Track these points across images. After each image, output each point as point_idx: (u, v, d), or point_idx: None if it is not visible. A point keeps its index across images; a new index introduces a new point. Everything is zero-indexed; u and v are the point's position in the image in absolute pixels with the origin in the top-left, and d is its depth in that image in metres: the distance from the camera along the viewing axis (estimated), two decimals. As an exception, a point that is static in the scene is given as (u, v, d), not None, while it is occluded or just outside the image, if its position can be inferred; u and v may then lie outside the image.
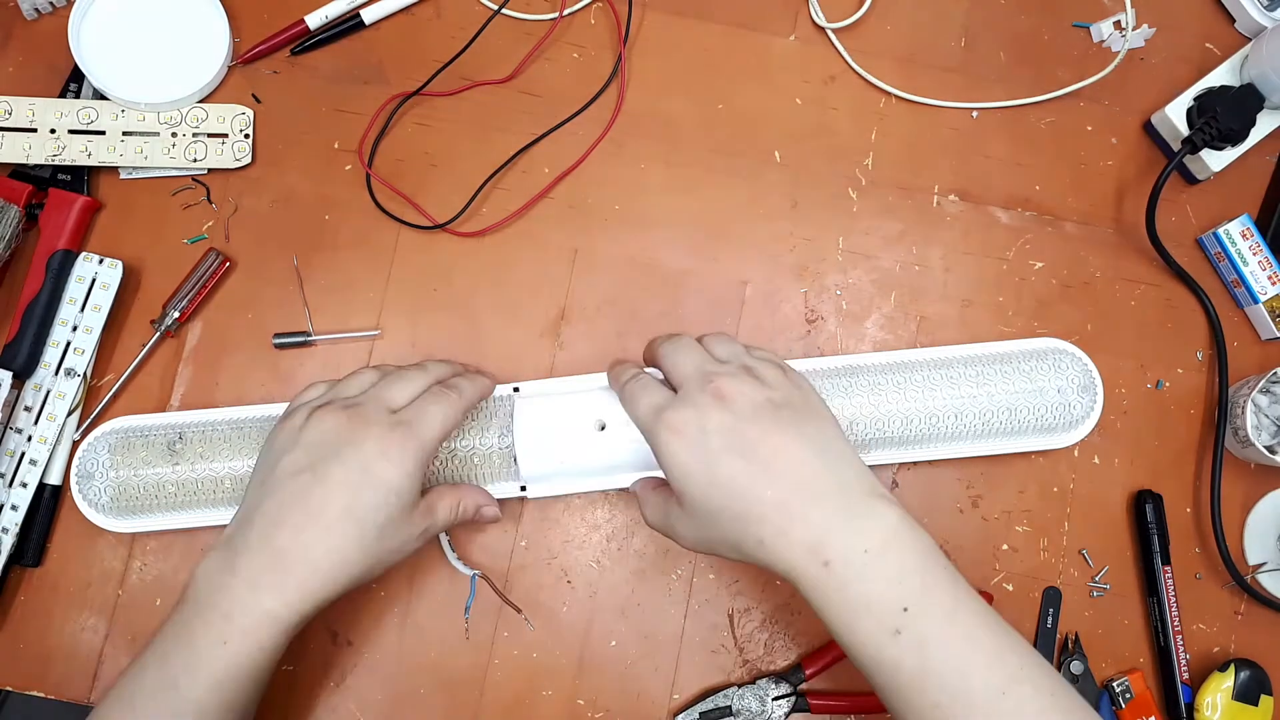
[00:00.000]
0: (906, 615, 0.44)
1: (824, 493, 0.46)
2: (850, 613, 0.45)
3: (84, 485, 0.57)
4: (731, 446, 0.47)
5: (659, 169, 0.65)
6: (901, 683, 0.44)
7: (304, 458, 0.49)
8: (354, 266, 0.63)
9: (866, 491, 0.47)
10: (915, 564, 0.45)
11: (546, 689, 0.60)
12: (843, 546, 0.45)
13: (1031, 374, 0.59)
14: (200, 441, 0.57)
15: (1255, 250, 0.64)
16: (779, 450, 0.47)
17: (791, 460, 0.47)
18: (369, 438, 0.49)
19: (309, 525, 0.48)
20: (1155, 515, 0.62)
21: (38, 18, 0.64)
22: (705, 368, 0.50)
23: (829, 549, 0.45)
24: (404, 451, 0.50)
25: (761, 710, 0.59)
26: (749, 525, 0.46)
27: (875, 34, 0.68)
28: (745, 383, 0.49)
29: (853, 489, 0.47)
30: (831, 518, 0.46)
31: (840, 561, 0.45)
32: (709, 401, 0.48)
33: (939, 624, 0.44)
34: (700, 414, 0.48)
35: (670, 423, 0.48)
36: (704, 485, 0.47)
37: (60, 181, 0.62)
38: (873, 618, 0.44)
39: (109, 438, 0.57)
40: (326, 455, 0.49)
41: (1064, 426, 0.59)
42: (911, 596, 0.44)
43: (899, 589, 0.44)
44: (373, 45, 0.66)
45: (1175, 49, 0.68)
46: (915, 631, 0.44)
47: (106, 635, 0.59)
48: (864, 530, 0.45)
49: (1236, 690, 0.59)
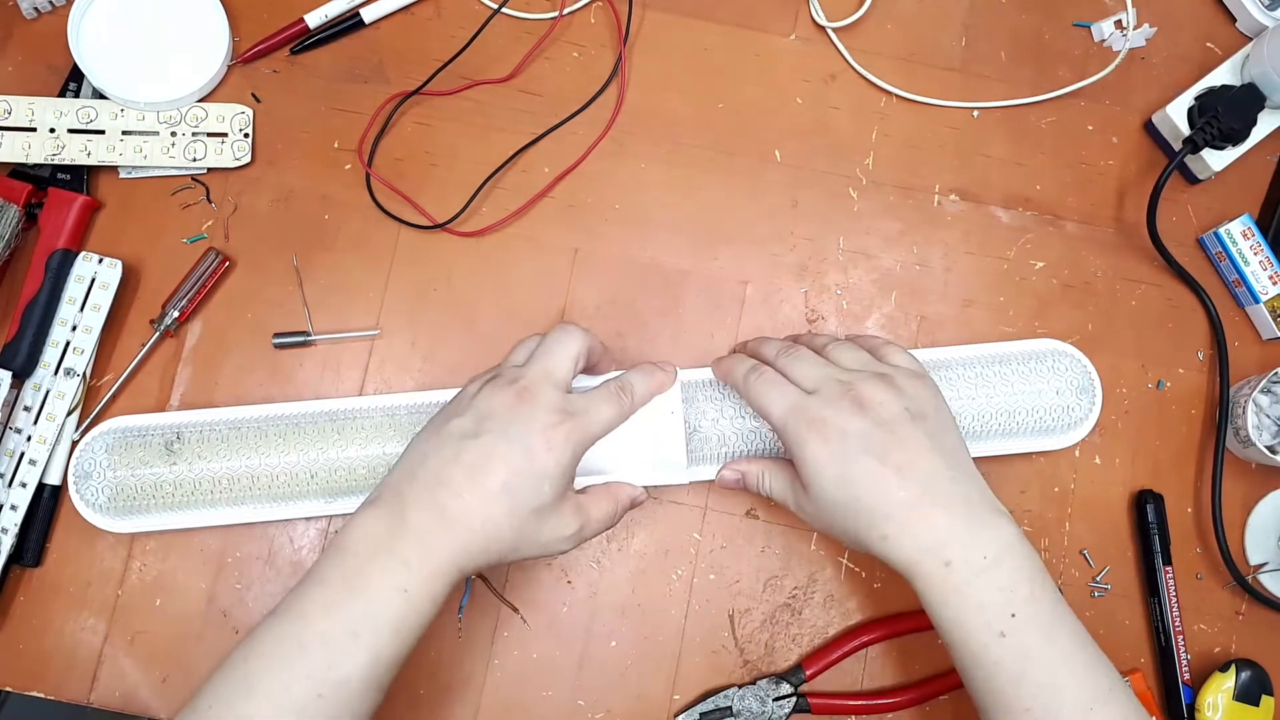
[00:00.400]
0: (1014, 621, 0.47)
1: (951, 500, 0.49)
2: (964, 611, 0.48)
3: (81, 485, 0.57)
4: (869, 449, 0.50)
5: (659, 169, 0.65)
6: (1000, 684, 0.48)
7: (473, 425, 0.50)
8: (354, 266, 0.63)
9: (989, 505, 0.50)
10: (1026, 577, 0.48)
11: (546, 689, 0.60)
12: (964, 550, 0.48)
13: (1030, 376, 0.59)
14: (198, 442, 0.57)
15: (1256, 250, 0.64)
16: (913, 456, 0.50)
17: (923, 466, 0.50)
18: (536, 420, 0.50)
19: (471, 490, 0.48)
20: (1156, 515, 0.62)
21: (37, 17, 0.64)
22: (839, 376, 0.53)
23: (951, 550, 0.48)
24: (566, 442, 0.50)
25: (762, 711, 0.59)
26: (875, 521, 0.49)
27: (876, 33, 0.67)
28: (885, 391, 0.51)
29: (976, 501, 0.50)
30: (956, 523, 0.49)
31: (960, 563, 0.48)
32: (849, 406, 0.51)
33: (1040, 635, 0.48)
34: (840, 416, 0.51)
35: (812, 421, 0.51)
36: (837, 481, 0.50)
37: (60, 181, 0.62)
38: (983, 618, 0.48)
39: (106, 438, 0.57)
40: (494, 428, 0.50)
41: (1063, 428, 0.59)
42: (1019, 605, 0.48)
43: (1009, 596, 0.48)
44: (372, 44, 0.66)
45: (1176, 48, 0.68)
46: (1019, 637, 0.47)
47: (106, 635, 0.59)
48: (984, 539, 0.49)
49: (1237, 690, 0.59)
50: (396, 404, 0.58)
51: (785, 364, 0.55)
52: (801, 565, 0.61)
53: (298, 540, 0.60)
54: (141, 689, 0.58)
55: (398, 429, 0.57)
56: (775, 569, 0.61)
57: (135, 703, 0.58)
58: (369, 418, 0.58)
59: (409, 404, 0.58)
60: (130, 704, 0.58)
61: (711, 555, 0.61)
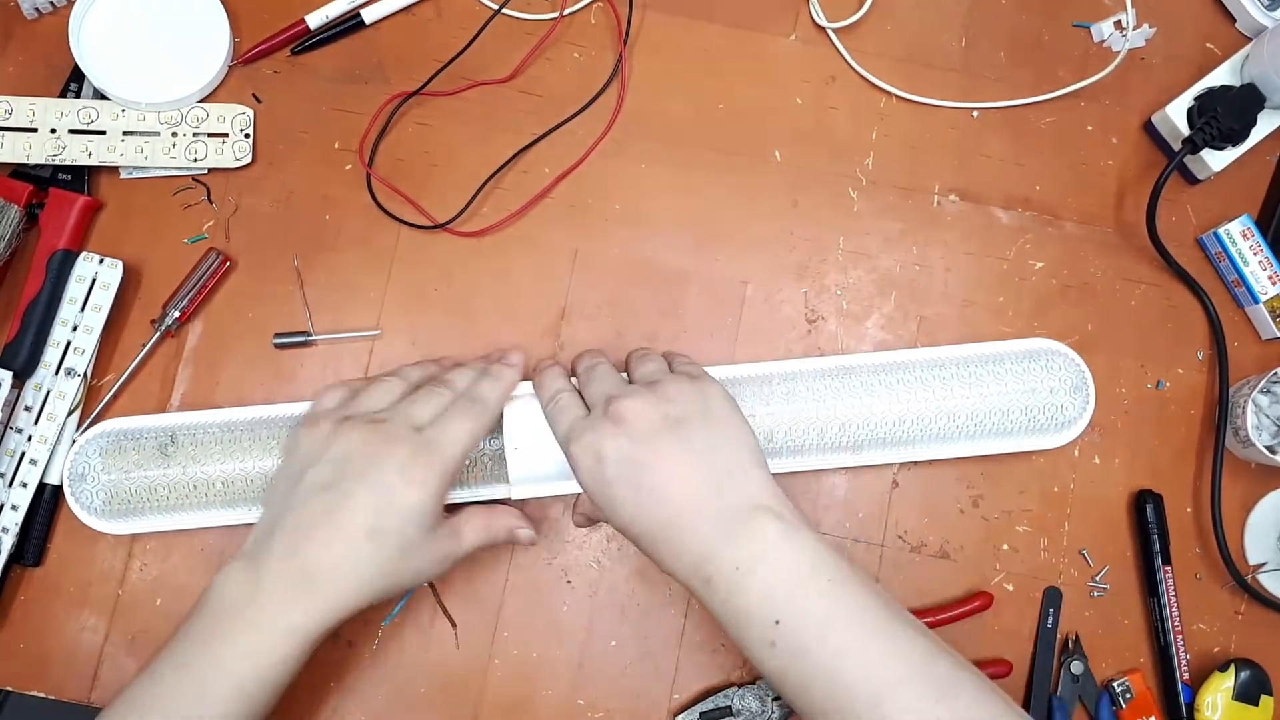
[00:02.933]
0: (779, 628, 0.46)
1: (707, 513, 0.48)
2: (735, 625, 0.47)
3: (76, 488, 0.57)
4: (623, 476, 0.49)
5: (659, 169, 0.65)
6: (789, 692, 0.47)
7: (330, 474, 0.50)
8: (354, 266, 0.63)
9: (749, 507, 0.48)
10: (783, 577, 0.47)
11: (546, 689, 0.60)
12: (720, 563, 0.47)
13: (1024, 375, 0.59)
14: (192, 444, 0.57)
15: (1255, 250, 0.64)
16: (668, 473, 0.49)
17: (680, 482, 0.49)
18: (393, 458, 0.50)
19: (334, 541, 0.49)
20: (1155, 515, 0.62)
21: (38, 17, 0.65)
22: (609, 391, 0.52)
23: (709, 566, 0.47)
24: (429, 472, 0.50)
25: (762, 710, 0.59)
26: (645, 545, 0.50)
27: (875, 34, 0.68)
28: (644, 402, 0.51)
29: (735, 506, 0.48)
30: (711, 536, 0.48)
31: (718, 576, 0.47)
32: (608, 426, 0.50)
33: (810, 637, 0.46)
34: (598, 438, 0.50)
35: (575, 447, 0.51)
36: (605, 505, 0.50)
37: (61, 181, 0.62)
38: (752, 629, 0.47)
39: (100, 440, 0.58)
40: (351, 474, 0.50)
41: (1056, 427, 0.60)
42: (782, 610, 0.46)
43: (770, 604, 0.46)
44: (373, 45, 0.66)
45: (1176, 49, 0.68)
46: (789, 643, 0.46)
47: (106, 635, 0.59)
48: (739, 546, 0.47)
49: (1237, 690, 0.59)
50: None
51: (581, 381, 0.55)
52: (801, 565, 0.61)
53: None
54: (142, 688, 0.58)
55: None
56: (775, 569, 0.61)
57: (136, 702, 0.58)
58: None
59: None
60: (131, 703, 0.58)
61: (711, 555, 0.61)
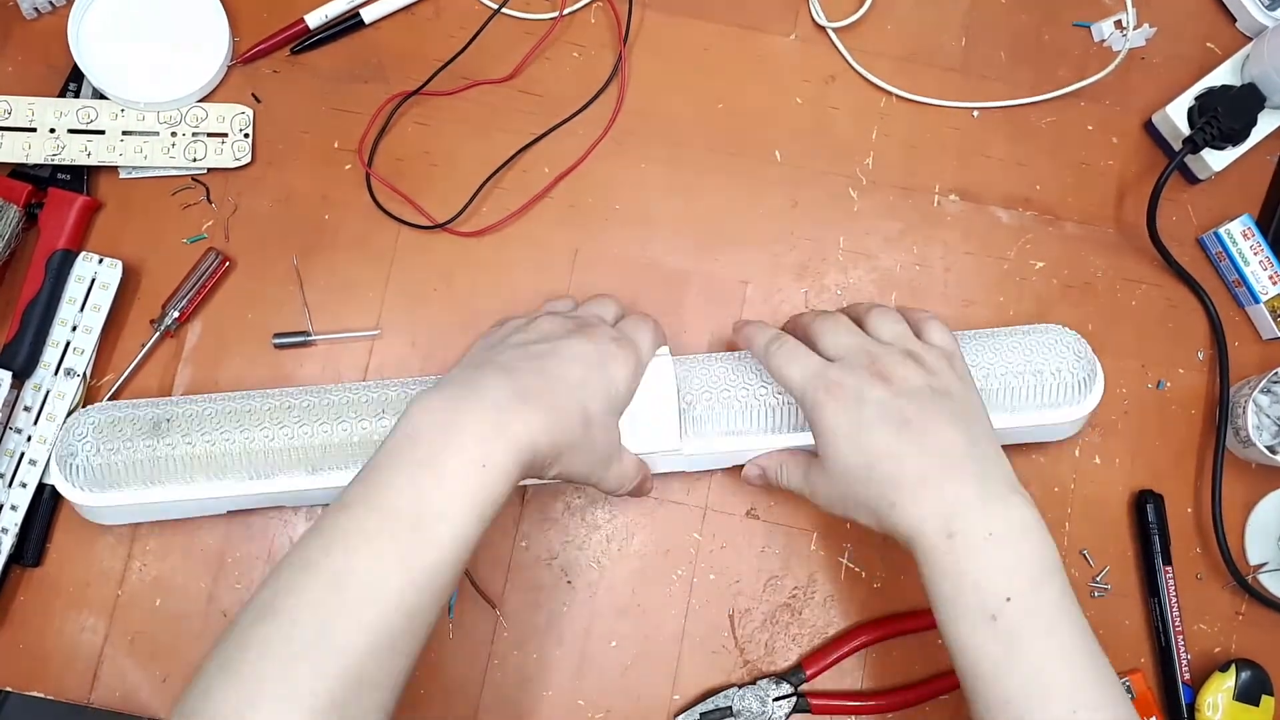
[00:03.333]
0: (1008, 605, 0.45)
1: (965, 474, 0.48)
2: (960, 589, 0.46)
3: (65, 465, 0.54)
4: (886, 417, 0.48)
5: (659, 169, 0.65)
6: (982, 670, 0.45)
7: (537, 337, 0.51)
8: (354, 266, 0.63)
9: (1008, 484, 0.48)
10: (1032, 564, 0.46)
11: (546, 689, 0.60)
12: (970, 523, 0.46)
13: (1029, 353, 0.57)
14: (186, 420, 0.55)
15: (1256, 250, 0.64)
16: (931, 427, 0.48)
17: (941, 438, 0.48)
18: (600, 338, 0.51)
19: (548, 373, 0.48)
20: (1156, 515, 0.62)
21: (37, 17, 0.64)
22: (868, 347, 0.51)
23: (957, 521, 0.46)
24: (628, 360, 0.51)
25: (762, 711, 0.59)
26: (886, 488, 0.48)
27: (875, 33, 0.67)
28: (908, 367, 0.50)
29: (994, 477, 0.48)
30: (968, 496, 0.47)
31: (963, 535, 0.46)
32: (869, 377, 0.50)
33: (1035, 628, 0.45)
34: (861, 384, 0.49)
35: (829, 386, 0.50)
36: (851, 448, 0.49)
37: (60, 181, 0.62)
38: (978, 598, 0.45)
39: (93, 415, 0.55)
40: (563, 337, 0.50)
41: (1066, 404, 0.57)
42: (1018, 591, 0.45)
43: (1009, 580, 0.45)
44: (373, 44, 0.66)
45: (1176, 48, 0.68)
46: (1009, 624, 0.45)
47: (106, 635, 0.59)
48: (994, 515, 0.47)
49: (1238, 690, 0.59)
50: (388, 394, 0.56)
51: (817, 329, 0.54)
52: (801, 565, 0.61)
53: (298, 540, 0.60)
54: (142, 689, 0.58)
55: (388, 405, 0.55)
56: (775, 569, 0.61)
57: (135, 703, 0.58)
58: (356, 392, 0.56)
59: (399, 395, 0.56)
60: (130, 704, 0.58)
61: (711, 555, 0.61)
